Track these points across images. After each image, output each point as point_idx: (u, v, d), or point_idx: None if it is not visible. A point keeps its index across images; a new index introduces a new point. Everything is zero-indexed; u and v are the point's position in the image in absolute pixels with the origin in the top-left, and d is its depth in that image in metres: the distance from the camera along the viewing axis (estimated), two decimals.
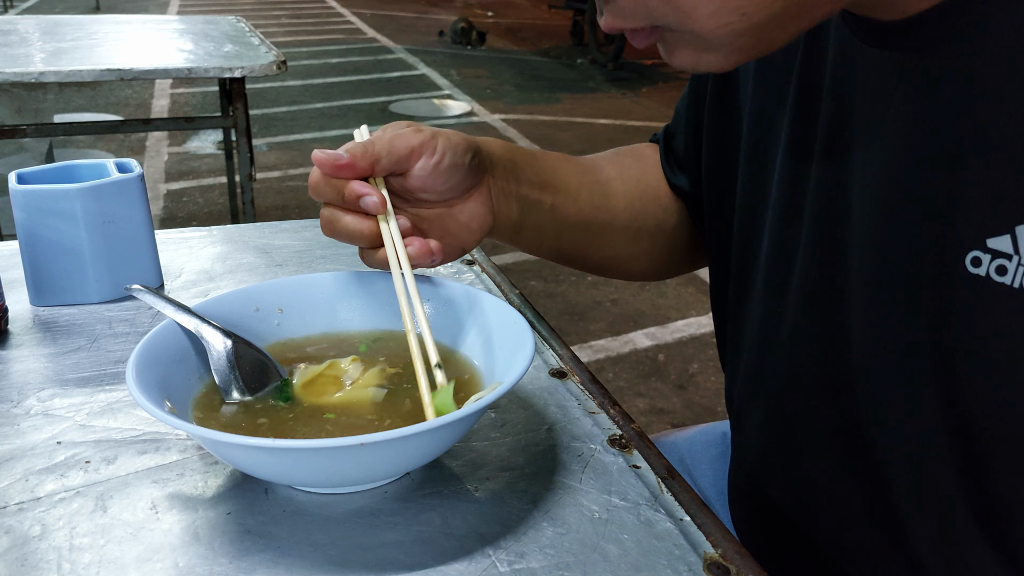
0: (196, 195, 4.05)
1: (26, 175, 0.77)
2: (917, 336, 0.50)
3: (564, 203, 0.73)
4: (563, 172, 0.75)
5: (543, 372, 0.67)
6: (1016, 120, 0.44)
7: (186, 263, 0.88)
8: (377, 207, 0.59)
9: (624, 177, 0.79)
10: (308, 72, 6.80)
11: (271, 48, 2.45)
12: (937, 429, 0.50)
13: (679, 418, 2.34)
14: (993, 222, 0.45)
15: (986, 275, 0.45)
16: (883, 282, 0.52)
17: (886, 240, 0.51)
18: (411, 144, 0.61)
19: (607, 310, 2.95)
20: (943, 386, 0.49)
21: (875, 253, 0.52)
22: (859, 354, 0.54)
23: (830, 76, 0.56)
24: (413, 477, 0.54)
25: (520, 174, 0.70)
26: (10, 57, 2.19)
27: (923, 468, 0.52)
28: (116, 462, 0.55)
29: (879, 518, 0.57)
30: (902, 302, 0.50)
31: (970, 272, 0.46)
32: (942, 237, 0.47)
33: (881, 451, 0.55)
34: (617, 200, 0.78)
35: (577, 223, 0.75)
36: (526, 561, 0.47)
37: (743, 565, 0.47)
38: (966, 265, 0.46)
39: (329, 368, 0.60)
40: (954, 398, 0.49)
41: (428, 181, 0.62)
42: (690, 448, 0.88)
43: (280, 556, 0.47)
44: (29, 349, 0.70)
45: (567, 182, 0.75)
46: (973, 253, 0.46)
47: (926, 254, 0.48)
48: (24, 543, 0.48)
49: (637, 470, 0.55)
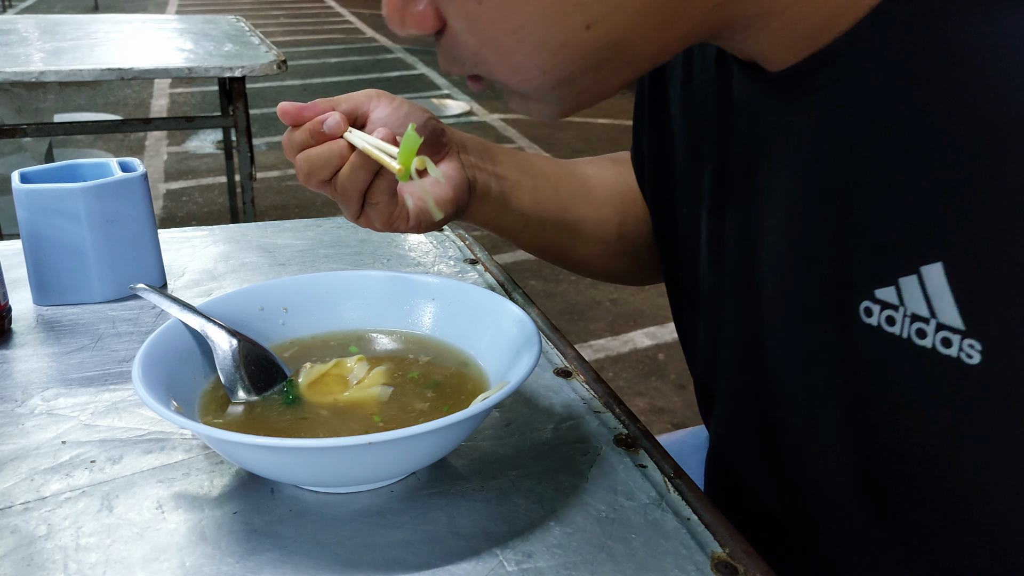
0: (196, 195, 4.04)
1: (29, 174, 0.77)
2: (828, 375, 0.49)
3: (544, 189, 0.74)
4: (540, 162, 0.76)
5: (548, 371, 0.67)
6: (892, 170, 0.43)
7: (189, 262, 0.88)
8: (338, 124, 0.59)
9: (603, 175, 0.79)
10: (307, 72, 6.80)
11: (271, 47, 2.45)
12: (849, 473, 0.50)
13: (679, 417, 2.34)
14: (879, 272, 0.44)
15: (877, 325, 0.45)
16: (792, 322, 0.52)
17: (790, 288, 0.51)
18: (369, 94, 0.64)
19: (607, 309, 2.95)
20: (853, 429, 0.49)
21: (782, 301, 0.52)
22: (782, 381, 0.54)
23: (736, 114, 0.56)
24: (419, 476, 0.54)
25: (496, 157, 0.72)
26: (10, 57, 2.19)
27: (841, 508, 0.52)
28: (121, 461, 0.55)
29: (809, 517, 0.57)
30: (811, 345, 0.50)
31: (863, 322, 0.46)
32: (838, 287, 0.47)
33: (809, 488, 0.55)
34: (597, 194, 0.78)
35: (559, 214, 0.75)
36: (533, 561, 0.47)
37: (751, 564, 0.47)
38: (860, 315, 0.46)
39: (335, 367, 0.60)
40: (860, 442, 0.48)
41: (390, 122, 0.63)
42: (677, 452, 0.88)
43: (287, 555, 0.47)
44: (33, 348, 0.70)
45: (545, 171, 0.75)
46: (865, 303, 0.45)
47: (826, 304, 0.48)
48: (30, 543, 0.48)
49: (643, 469, 0.55)
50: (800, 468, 0.55)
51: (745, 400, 0.60)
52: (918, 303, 0.42)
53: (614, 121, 5.47)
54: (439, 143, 0.68)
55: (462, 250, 0.92)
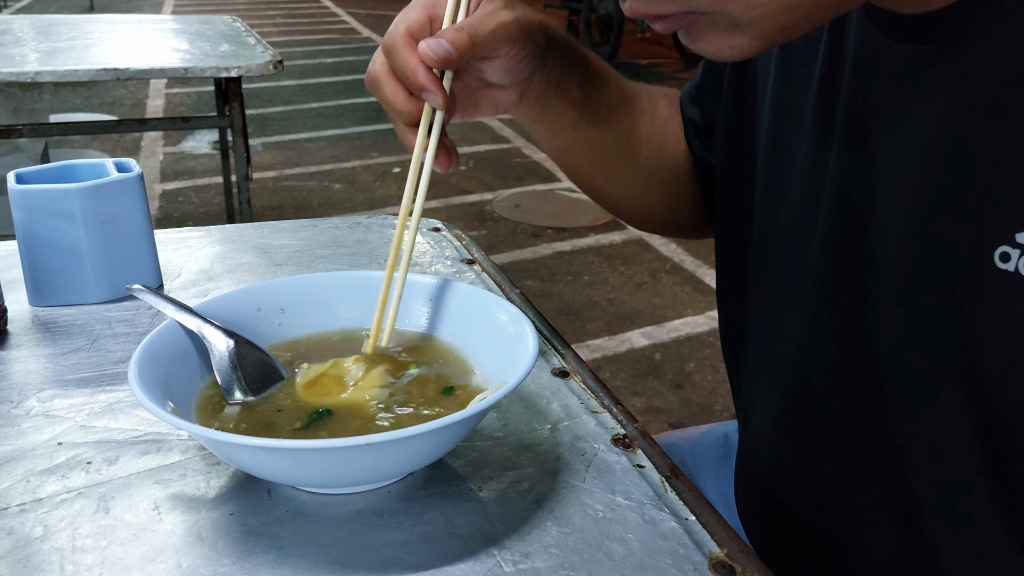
0: (192, 195, 4.04)
1: (25, 175, 0.77)
2: (944, 329, 0.49)
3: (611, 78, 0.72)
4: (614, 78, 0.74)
5: (545, 371, 0.67)
6: None
7: (185, 263, 0.88)
8: (439, 104, 0.59)
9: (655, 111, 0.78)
10: (303, 72, 6.79)
11: (267, 48, 2.45)
12: (959, 424, 0.50)
13: (676, 417, 2.35)
14: (1022, 216, 0.44)
15: (1015, 270, 0.45)
16: (911, 275, 0.51)
17: (915, 232, 0.51)
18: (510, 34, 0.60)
19: (603, 309, 2.95)
20: (967, 381, 0.48)
21: (903, 245, 0.52)
22: (880, 347, 0.54)
23: (853, 68, 0.56)
24: (416, 477, 0.54)
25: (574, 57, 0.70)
26: (5, 57, 2.19)
27: (943, 463, 0.52)
28: (118, 463, 0.55)
29: (893, 515, 0.56)
30: (930, 295, 0.50)
31: (999, 268, 0.45)
32: (971, 231, 0.47)
33: (899, 445, 0.54)
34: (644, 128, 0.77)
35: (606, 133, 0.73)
36: (531, 561, 0.47)
37: (748, 565, 0.47)
38: (995, 260, 0.45)
39: (332, 367, 0.59)
40: (978, 393, 0.48)
41: (497, 75, 0.63)
42: (692, 450, 0.88)
43: (284, 557, 0.47)
44: (29, 350, 0.70)
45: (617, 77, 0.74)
46: (1002, 248, 0.45)
47: (955, 248, 0.48)
48: (26, 544, 0.48)
49: (641, 469, 0.55)
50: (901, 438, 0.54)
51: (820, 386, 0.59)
52: None
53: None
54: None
55: (459, 250, 0.92)
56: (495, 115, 0.68)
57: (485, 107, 0.67)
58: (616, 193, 0.81)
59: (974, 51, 0.47)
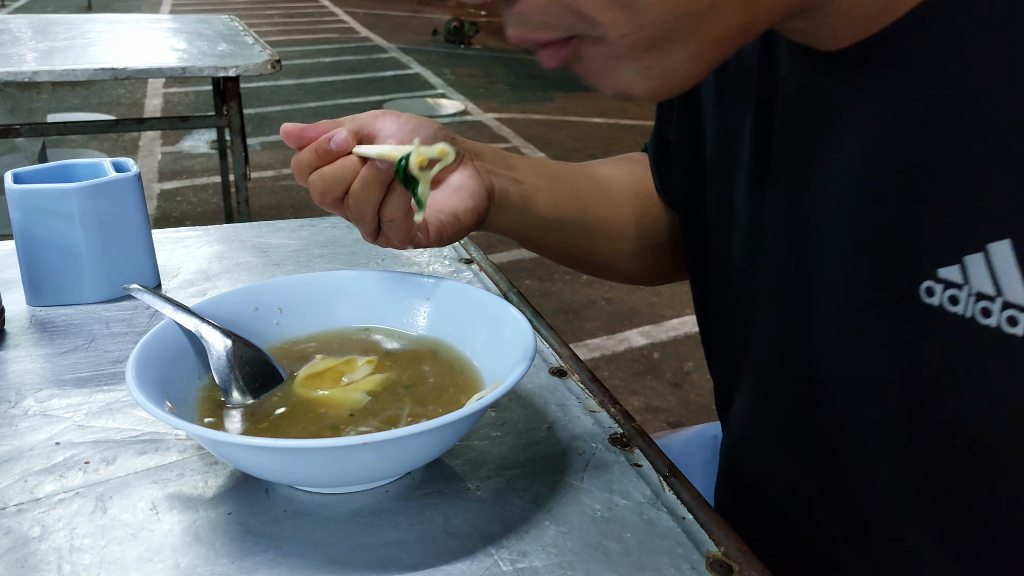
0: (190, 195, 4.04)
1: (22, 174, 0.77)
2: (883, 361, 0.49)
3: (562, 191, 0.73)
4: (555, 166, 0.76)
5: (543, 371, 0.67)
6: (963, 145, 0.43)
7: (183, 263, 0.88)
8: (346, 140, 0.57)
9: (617, 175, 0.79)
10: (301, 71, 6.79)
11: (265, 47, 2.45)
12: (903, 449, 0.50)
13: (674, 416, 2.35)
14: (944, 251, 0.44)
15: (939, 305, 0.45)
16: (846, 308, 0.51)
17: (847, 264, 0.51)
18: (374, 114, 0.63)
19: (602, 308, 2.95)
20: (911, 409, 0.48)
21: (837, 278, 0.52)
22: (829, 372, 0.54)
23: (783, 96, 0.56)
24: (414, 476, 0.54)
25: (511, 162, 0.71)
26: (3, 56, 2.18)
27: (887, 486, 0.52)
28: (115, 462, 0.55)
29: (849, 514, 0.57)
30: (863, 327, 0.50)
31: (924, 302, 0.45)
32: (898, 266, 0.47)
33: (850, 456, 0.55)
34: (614, 193, 0.77)
35: (579, 216, 0.74)
36: (528, 560, 0.47)
37: (746, 563, 0.47)
38: (920, 295, 0.46)
39: (344, 364, 0.60)
40: (916, 430, 0.48)
41: (399, 137, 0.62)
42: (682, 451, 0.88)
43: (282, 556, 0.47)
44: (26, 349, 0.70)
45: (561, 173, 0.75)
46: (927, 283, 0.45)
47: (883, 282, 0.48)
48: (24, 544, 0.48)
49: (639, 468, 0.55)
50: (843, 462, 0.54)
51: (780, 395, 0.60)
52: (983, 281, 0.42)
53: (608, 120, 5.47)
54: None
55: (457, 249, 0.92)
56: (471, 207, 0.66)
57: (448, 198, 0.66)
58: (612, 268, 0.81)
59: (891, 89, 0.46)
